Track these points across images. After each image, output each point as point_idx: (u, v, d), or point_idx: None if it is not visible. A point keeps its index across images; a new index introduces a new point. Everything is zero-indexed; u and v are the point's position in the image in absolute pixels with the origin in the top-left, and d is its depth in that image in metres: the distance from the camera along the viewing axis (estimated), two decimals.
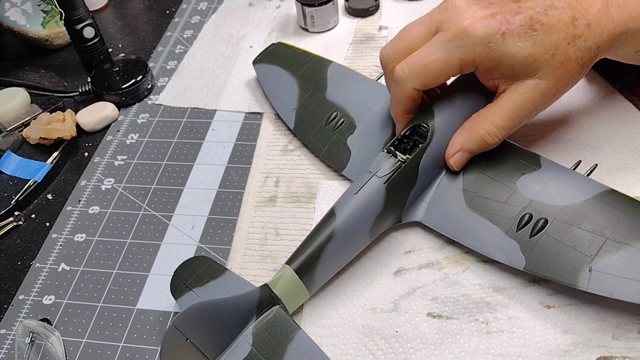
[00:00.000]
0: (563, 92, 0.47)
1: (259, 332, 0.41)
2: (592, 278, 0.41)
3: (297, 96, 0.61)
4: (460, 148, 0.48)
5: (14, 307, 0.51)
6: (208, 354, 0.40)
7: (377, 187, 0.46)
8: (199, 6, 0.86)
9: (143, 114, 0.69)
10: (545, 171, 0.47)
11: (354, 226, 0.45)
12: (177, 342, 0.39)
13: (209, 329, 0.40)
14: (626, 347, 0.41)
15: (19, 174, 0.63)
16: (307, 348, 0.40)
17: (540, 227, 0.44)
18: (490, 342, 0.43)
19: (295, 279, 0.43)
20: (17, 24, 0.77)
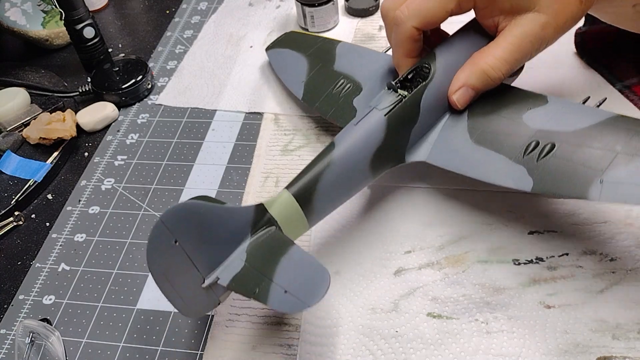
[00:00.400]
0: (563, 28, 0.46)
1: (253, 249, 0.40)
2: (603, 189, 0.39)
3: (307, 71, 0.62)
4: (463, 84, 0.47)
5: (14, 307, 0.51)
6: (199, 266, 0.38)
7: (377, 119, 0.46)
8: (199, 6, 0.86)
9: (143, 114, 0.69)
10: (552, 105, 0.46)
11: (354, 156, 0.45)
12: (165, 243, 0.36)
13: (200, 235, 0.38)
14: (626, 347, 0.41)
15: (19, 174, 0.63)
16: (301, 257, 0.39)
17: (548, 151, 0.43)
18: (490, 342, 0.43)
19: (293, 202, 0.42)
20: (17, 24, 0.77)
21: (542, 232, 0.49)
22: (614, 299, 0.44)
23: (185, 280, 0.38)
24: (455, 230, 0.50)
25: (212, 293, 0.40)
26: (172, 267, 0.37)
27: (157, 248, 0.36)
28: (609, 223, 0.48)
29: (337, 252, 0.50)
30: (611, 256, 0.46)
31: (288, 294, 0.37)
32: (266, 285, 0.37)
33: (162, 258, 0.37)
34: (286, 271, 0.38)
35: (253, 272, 0.38)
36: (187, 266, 0.38)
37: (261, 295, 0.37)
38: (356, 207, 0.53)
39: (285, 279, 0.37)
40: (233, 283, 0.38)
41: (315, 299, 0.36)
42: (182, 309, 0.39)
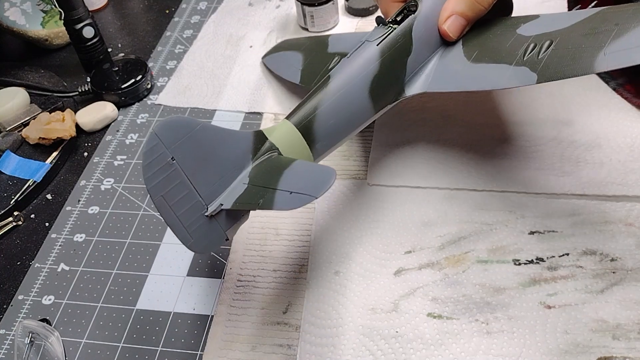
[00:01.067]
0: None
1: (255, 172, 0.39)
2: (608, 59, 0.39)
3: (302, 60, 0.63)
4: (452, 12, 0.47)
5: (13, 307, 0.51)
6: (201, 192, 0.37)
7: (370, 49, 0.46)
8: (199, 6, 0.86)
9: (142, 113, 0.69)
10: (543, 17, 0.46)
11: (351, 85, 0.45)
12: (160, 159, 0.35)
13: (197, 155, 0.36)
14: (626, 347, 0.41)
15: (18, 174, 0.63)
16: (305, 166, 0.38)
17: (547, 47, 0.43)
18: (491, 342, 0.43)
19: (293, 130, 0.41)
20: (17, 23, 0.77)
21: (542, 232, 0.49)
22: (614, 299, 0.44)
23: (187, 207, 0.37)
24: (455, 230, 0.50)
25: (217, 225, 0.38)
26: (171, 190, 0.36)
27: (152, 165, 0.35)
28: (609, 223, 0.48)
29: (337, 252, 0.50)
30: (611, 256, 0.46)
31: (293, 194, 0.35)
32: (270, 195, 0.36)
33: (159, 177, 0.35)
34: (290, 179, 0.37)
35: (256, 188, 0.37)
36: (187, 190, 0.36)
37: (265, 203, 0.36)
38: (356, 207, 0.53)
39: (289, 184, 0.36)
40: (237, 203, 0.37)
41: (322, 190, 0.34)
42: (186, 241, 0.38)
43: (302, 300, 0.47)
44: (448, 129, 0.58)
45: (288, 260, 0.50)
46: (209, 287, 0.50)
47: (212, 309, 0.48)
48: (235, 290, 0.48)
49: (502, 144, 0.56)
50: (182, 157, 0.35)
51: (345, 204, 0.53)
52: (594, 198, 0.50)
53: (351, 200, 0.54)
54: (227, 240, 0.39)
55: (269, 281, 0.49)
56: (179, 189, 0.36)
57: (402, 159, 0.56)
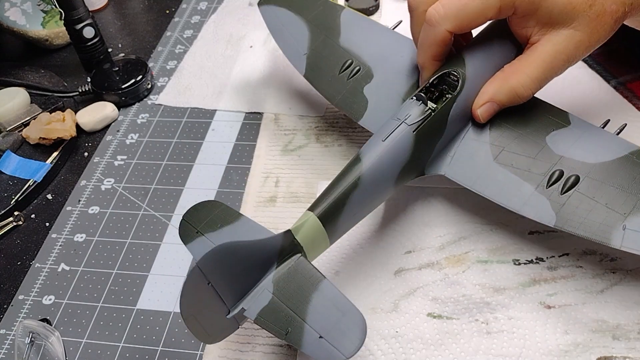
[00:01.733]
0: (595, 46, 0.46)
1: (281, 280, 0.39)
2: (625, 236, 0.39)
3: (308, 41, 0.58)
4: (491, 99, 0.46)
5: (13, 307, 0.51)
6: (226, 300, 0.37)
7: (405, 134, 0.44)
8: (199, 6, 0.86)
9: (143, 114, 0.69)
10: (574, 128, 0.45)
11: (381, 174, 0.44)
12: (199, 285, 0.36)
13: (231, 273, 0.37)
14: (626, 347, 0.41)
15: (18, 174, 0.63)
16: (334, 297, 0.38)
17: (572, 184, 0.42)
18: (491, 343, 0.43)
19: (319, 226, 0.41)
20: (17, 23, 0.77)
21: (542, 232, 0.49)
22: (614, 299, 0.44)
23: (211, 314, 0.38)
24: (455, 230, 0.50)
25: (234, 320, 0.39)
26: (202, 305, 0.37)
27: (191, 292, 0.36)
28: None
29: (337, 252, 0.50)
30: (611, 256, 0.46)
31: (323, 340, 0.36)
32: (299, 327, 0.36)
33: (194, 300, 0.36)
34: (319, 312, 0.37)
35: (282, 307, 0.37)
36: (215, 302, 0.37)
37: (294, 338, 0.36)
38: None
39: (318, 322, 0.36)
40: (261, 318, 0.37)
41: (353, 349, 0.35)
42: (203, 339, 0.39)
43: None
44: None
45: None
46: None
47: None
48: None
49: None
50: (217, 279, 0.36)
51: None
52: None
53: None
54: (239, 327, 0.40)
55: None
56: (208, 303, 0.37)
57: None
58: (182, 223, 0.43)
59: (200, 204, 0.43)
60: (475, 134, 0.47)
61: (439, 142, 0.47)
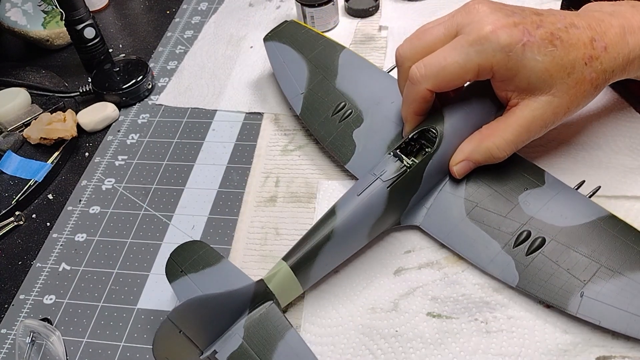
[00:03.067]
0: (574, 111, 0.47)
1: (251, 326, 0.41)
2: (582, 303, 0.41)
3: (307, 81, 0.61)
4: (467, 158, 0.48)
5: (14, 306, 0.51)
6: (199, 344, 0.40)
7: (380, 190, 0.46)
8: (200, 6, 0.87)
9: (143, 114, 0.69)
10: (548, 189, 0.47)
11: (354, 228, 0.46)
12: (170, 334, 0.38)
13: (202, 321, 0.39)
14: (626, 347, 0.41)
15: (19, 174, 0.63)
16: (297, 347, 0.40)
17: (538, 246, 0.44)
18: (490, 342, 0.43)
19: (291, 276, 0.43)
20: (18, 24, 0.78)
21: None
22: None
23: (184, 356, 0.40)
24: None
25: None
26: (173, 350, 0.39)
27: (163, 339, 0.38)
28: None
29: None
30: None
31: None
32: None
33: (166, 346, 0.39)
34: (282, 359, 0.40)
35: (250, 352, 0.40)
36: (187, 346, 0.39)
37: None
38: None
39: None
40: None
41: None
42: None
43: (302, 300, 0.47)
44: None
45: None
46: None
47: None
48: None
49: None
50: (188, 327, 0.39)
51: None
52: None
53: None
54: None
55: None
56: (181, 348, 0.39)
57: None
58: (169, 261, 0.46)
59: (186, 244, 0.47)
60: (451, 188, 0.49)
61: (414, 196, 0.48)
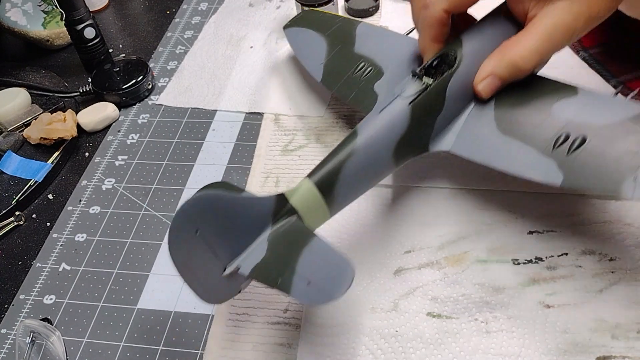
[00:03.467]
0: (595, 19, 0.44)
1: (275, 239, 0.39)
2: (637, 186, 0.38)
3: (326, 52, 0.61)
4: (491, 73, 0.46)
5: (14, 306, 0.51)
6: (220, 255, 0.38)
7: (401, 107, 0.44)
8: (200, 7, 0.87)
9: (144, 114, 0.69)
10: (582, 96, 0.44)
11: (377, 145, 0.44)
12: (186, 232, 0.36)
13: (221, 225, 0.37)
14: (626, 347, 0.41)
15: (19, 174, 0.63)
16: (325, 250, 0.38)
17: (579, 144, 0.41)
18: (490, 342, 0.43)
19: (314, 191, 0.41)
20: (18, 24, 0.78)
21: (542, 232, 0.49)
22: (613, 299, 0.44)
23: (206, 269, 0.38)
24: (455, 230, 0.50)
25: (233, 281, 0.39)
26: (193, 257, 0.37)
27: (178, 238, 0.36)
28: (609, 223, 0.48)
29: None
30: (610, 256, 0.46)
31: (311, 285, 0.36)
32: (289, 276, 0.37)
33: (183, 247, 0.36)
34: (309, 262, 0.37)
35: (275, 261, 0.38)
36: (208, 255, 0.37)
37: (284, 285, 0.36)
38: (356, 207, 0.53)
39: (308, 270, 0.37)
40: (254, 272, 0.38)
41: (340, 292, 0.35)
42: (203, 297, 0.39)
43: None
44: None
45: None
46: None
47: (213, 308, 0.48)
48: None
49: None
50: (205, 228, 0.37)
51: None
52: (593, 198, 0.50)
53: None
54: (239, 292, 0.41)
55: None
56: (200, 255, 0.37)
57: None
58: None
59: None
60: (479, 111, 0.47)
61: (439, 118, 0.46)
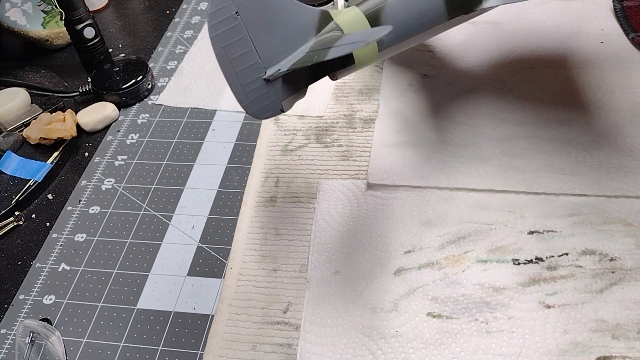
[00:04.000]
0: None
1: (316, 44, 0.38)
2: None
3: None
4: None
5: (14, 307, 0.51)
6: (261, 54, 0.37)
7: None
8: (199, 6, 0.87)
9: (143, 114, 0.69)
10: None
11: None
12: (225, 10, 0.34)
13: (262, 16, 0.36)
14: (626, 347, 0.41)
15: (19, 174, 0.63)
16: (362, 31, 0.37)
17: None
18: (490, 342, 0.43)
19: (360, 15, 0.40)
20: (18, 24, 0.77)
21: (542, 232, 0.49)
22: (613, 299, 0.44)
23: (246, 65, 0.36)
24: (454, 230, 0.50)
25: (273, 91, 0.38)
26: (232, 44, 0.36)
27: (217, 15, 0.35)
28: (609, 223, 0.48)
29: (337, 252, 0.50)
30: (611, 256, 0.46)
31: (347, 45, 0.35)
32: (325, 50, 0.36)
33: (222, 28, 0.35)
34: (346, 38, 0.36)
35: (314, 51, 0.37)
36: (248, 49, 0.36)
37: (320, 57, 0.35)
38: (356, 207, 0.53)
39: (343, 41, 0.36)
40: (293, 65, 0.37)
41: (374, 36, 0.34)
42: (242, 101, 0.38)
43: (302, 300, 0.47)
44: (448, 129, 0.58)
45: (288, 260, 0.50)
46: (209, 287, 0.50)
47: (213, 309, 0.48)
48: (236, 290, 0.48)
49: (502, 144, 0.56)
50: (246, 13, 0.35)
51: (345, 204, 0.53)
52: (593, 198, 0.50)
53: (351, 200, 0.54)
54: (282, 112, 0.39)
55: (269, 281, 0.49)
56: (240, 45, 0.36)
57: (402, 159, 0.56)
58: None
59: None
60: None
61: None
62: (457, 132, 0.58)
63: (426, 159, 0.56)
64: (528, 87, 0.61)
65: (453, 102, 0.61)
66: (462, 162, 0.55)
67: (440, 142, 0.57)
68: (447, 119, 0.59)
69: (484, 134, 0.57)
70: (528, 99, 0.60)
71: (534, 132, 0.56)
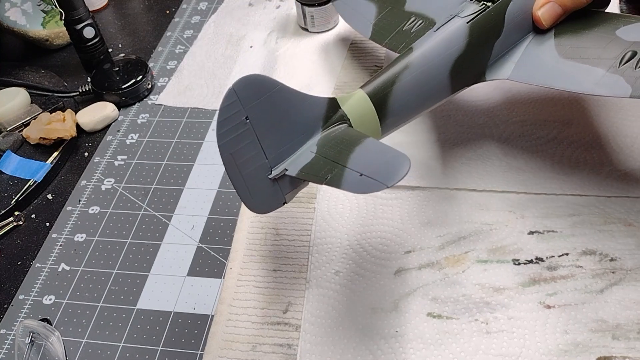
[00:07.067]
0: None
1: (325, 141, 0.38)
2: None
3: (375, 13, 0.59)
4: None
5: (14, 307, 0.51)
6: (268, 154, 0.36)
7: (459, 25, 0.44)
8: (199, 6, 0.86)
9: (143, 114, 0.69)
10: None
11: (433, 61, 0.43)
12: (236, 117, 0.34)
13: (271, 116, 0.36)
14: (626, 347, 0.41)
15: (19, 174, 0.63)
16: (377, 147, 0.36)
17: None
18: (490, 342, 0.43)
19: (367, 101, 0.40)
20: (17, 24, 0.77)
21: (542, 232, 0.49)
22: (613, 299, 0.44)
23: (252, 167, 0.37)
24: (455, 230, 0.50)
25: (278, 188, 0.38)
26: (240, 149, 0.36)
27: (227, 122, 0.35)
28: (609, 223, 0.48)
29: (337, 252, 0.50)
30: (611, 256, 0.46)
31: (364, 177, 0.34)
32: (339, 172, 0.35)
33: (231, 135, 0.35)
34: (361, 158, 0.36)
35: (324, 160, 0.36)
36: (256, 151, 0.36)
37: (333, 180, 0.35)
38: (356, 207, 0.53)
39: (360, 165, 0.35)
40: (302, 172, 0.37)
41: (395, 179, 0.33)
42: (247, 201, 0.38)
43: (302, 300, 0.47)
44: (448, 129, 0.58)
45: (288, 260, 0.50)
46: (209, 287, 0.50)
47: (213, 309, 0.48)
48: (236, 290, 0.48)
49: (502, 143, 0.56)
50: (256, 117, 0.35)
51: (345, 204, 0.53)
52: (593, 198, 0.50)
53: (351, 201, 0.54)
54: (284, 204, 0.39)
55: (269, 281, 0.49)
56: (248, 149, 0.36)
57: None
58: None
59: None
60: (538, 41, 0.46)
61: (497, 43, 0.46)
62: (457, 132, 0.58)
63: (426, 158, 0.56)
64: (528, 87, 0.61)
65: (453, 102, 0.61)
66: (462, 162, 0.55)
67: (440, 142, 0.57)
68: (447, 119, 0.59)
69: (484, 134, 0.57)
70: (528, 98, 0.60)
71: (534, 132, 0.56)
